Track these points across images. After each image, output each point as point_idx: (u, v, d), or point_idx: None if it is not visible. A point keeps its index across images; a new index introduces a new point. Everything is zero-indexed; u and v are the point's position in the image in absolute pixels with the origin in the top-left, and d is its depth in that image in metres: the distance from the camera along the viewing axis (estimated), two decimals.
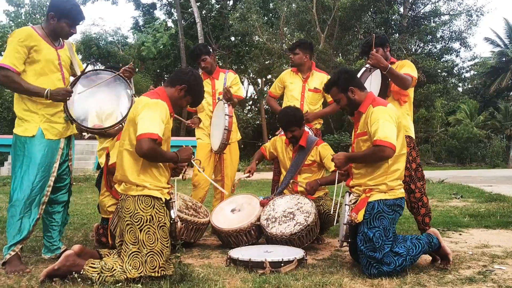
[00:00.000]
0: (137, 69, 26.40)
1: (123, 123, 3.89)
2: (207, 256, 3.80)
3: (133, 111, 3.04)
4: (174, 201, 3.13)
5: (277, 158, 4.70)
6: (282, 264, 3.23)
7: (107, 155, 4.16)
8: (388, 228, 3.15)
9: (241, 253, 3.47)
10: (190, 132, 22.51)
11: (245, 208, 4.33)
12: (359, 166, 3.34)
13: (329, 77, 5.00)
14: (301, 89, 4.96)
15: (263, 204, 4.26)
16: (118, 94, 3.67)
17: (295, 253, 3.44)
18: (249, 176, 4.56)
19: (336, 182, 3.58)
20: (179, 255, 2.94)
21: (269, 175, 14.82)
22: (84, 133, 3.64)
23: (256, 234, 4.10)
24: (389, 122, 3.17)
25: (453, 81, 26.16)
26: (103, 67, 3.73)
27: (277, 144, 4.65)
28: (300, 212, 4.01)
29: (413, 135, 4.17)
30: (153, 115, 2.92)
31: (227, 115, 4.47)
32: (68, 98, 3.42)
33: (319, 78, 4.95)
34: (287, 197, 4.28)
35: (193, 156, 3.26)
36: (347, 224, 3.26)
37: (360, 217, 3.17)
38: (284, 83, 5.13)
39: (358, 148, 3.36)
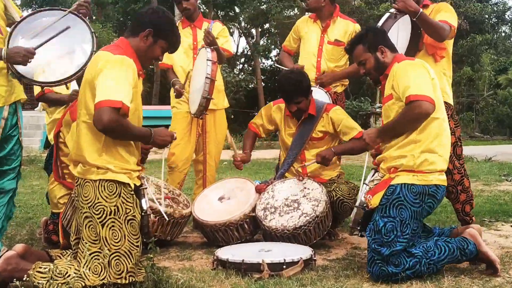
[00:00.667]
0: (93, 17, 26.09)
1: (76, 94, 3.86)
2: (188, 257, 3.83)
3: (90, 71, 3.01)
4: (146, 188, 3.13)
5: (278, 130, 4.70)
6: (284, 266, 3.26)
7: (57, 135, 4.12)
8: (406, 222, 3.16)
9: (231, 252, 3.50)
10: (165, 100, 22.36)
11: (236, 196, 4.36)
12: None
13: (356, 25, 4.97)
14: (319, 41, 4.93)
15: (259, 190, 4.28)
16: (72, 48, 3.64)
17: (301, 252, 3.48)
18: (239, 163, 4.51)
19: (365, 159, 3.65)
20: (152, 256, 2.96)
21: (266, 154, 14.84)
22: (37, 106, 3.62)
23: (251, 228, 4.13)
24: (421, 74, 3.22)
25: (504, 30, 26.08)
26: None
27: (274, 115, 4.61)
28: (307, 200, 4.04)
29: (451, 101, 4.18)
30: (116, 77, 2.89)
31: (210, 60, 4.37)
32: (30, 60, 3.42)
33: (342, 27, 4.90)
34: (290, 181, 4.29)
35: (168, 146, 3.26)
36: (359, 207, 3.31)
37: (375, 201, 3.21)
38: (299, 33, 5.09)
39: (387, 116, 3.38)
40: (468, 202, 4.21)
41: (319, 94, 4.68)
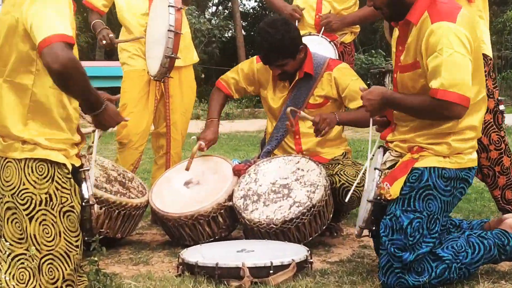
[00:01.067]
0: None
1: None
2: (145, 261, 3.85)
3: (10, 12, 2.96)
4: (89, 169, 3.12)
5: (259, 95, 4.71)
6: (271, 271, 3.27)
7: None
8: (435, 217, 3.15)
9: (202, 254, 3.52)
10: (113, 54, 22.12)
11: (208, 179, 4.37)
12: (408, 116, 3.31)
13: None
14: None
15: (238, 172, 4.30)
16: None
17: (293, 252, 3.50)
18: (203, 149, 4.44)
19: (370, 132, 3.55)
20: (96, 259, 2.97)
21: (248, 125, 14.83)
22: None
23: (227, 222, 4.16)
24: (460, 54, 3.00)
25: None
26: None
27: (258, 75, 4.59)
28: (300, 185, 4.06)
29: (489, 52, 4.18)
30: (57, 9, 2.85)
31: (172, 6, 4.29)
32: None
33: None
34: (278, 161, 4.32)
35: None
36: (373, 201, 3.26)
37: (395, 190, 3.16)
38: None
39: (404, 87, 3.28)
40: (509, 186, 4.26)
41: (321, 45, 4.68)
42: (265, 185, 4.15)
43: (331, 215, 4.13)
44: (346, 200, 3.79)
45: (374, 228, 3.35)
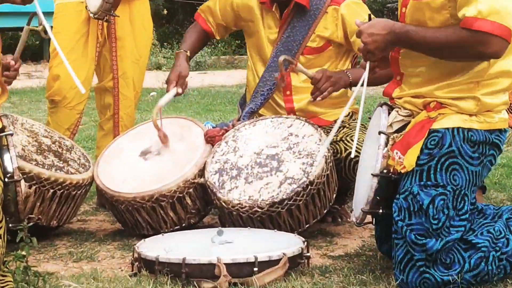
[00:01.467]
0: None
1: None
2: (90, 256, 3.86)
3: None
4: (12, 134, 3.11)
5: (244, 31, 4.71)
6: (256, 269, 3.29)
7: None
8: (462, 193, 3.16)
9: (164, 247, 3.52)
10: None
11: (172, 149, 4.39)
12: (420, 61, 3.29)
13: None
14: None
15: (212, 139, 4.30)
16: None
17: (284, 244, 3.52)
18: (178, 94, 4.43)
19: (363, 80, 3.51)
20: (24, 254, 2.97)
21: (225, 77, 14.83)
22: None
23: (197, 205, 4.19)
24: None
25: None
26: None
27: (240, 3, 4.58)
28: (293, 155, 4.08)
29: None
30: None
31: None
32: None
33: None
34: (265, 123, 4.34)
35: None
36: (379, 175, 3.27)
37: (410, 160, 3.16)
38: None
39: (416, 20, 3.23)
40: None
41: None
42: (247, 155, 4.16)
43: (334, 195, 4.15)
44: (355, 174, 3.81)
45: (380, 211, 3.32)
